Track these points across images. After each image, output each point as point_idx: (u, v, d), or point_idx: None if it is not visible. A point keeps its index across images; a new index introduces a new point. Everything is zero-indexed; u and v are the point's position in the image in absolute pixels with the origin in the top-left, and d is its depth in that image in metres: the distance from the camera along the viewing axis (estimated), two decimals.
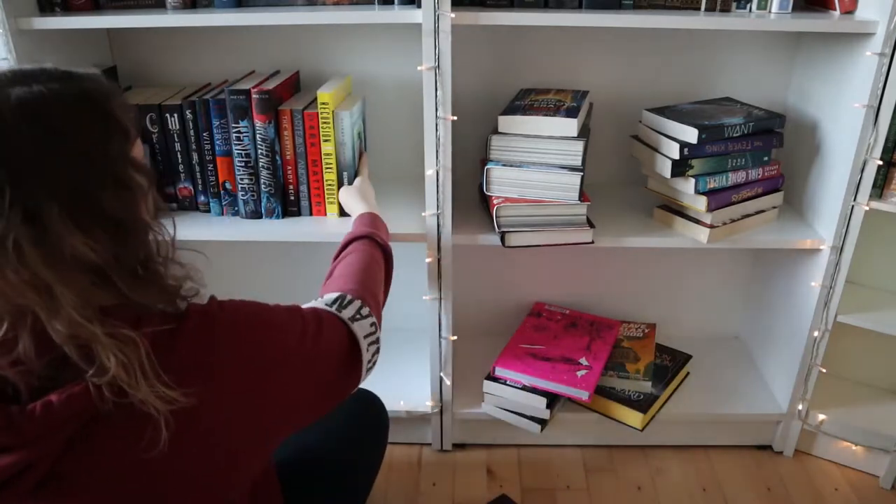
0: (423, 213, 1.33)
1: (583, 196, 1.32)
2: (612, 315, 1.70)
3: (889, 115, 1.23)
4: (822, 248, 1.37)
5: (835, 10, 1.27)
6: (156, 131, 1.34)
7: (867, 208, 1.30)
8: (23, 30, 1.21)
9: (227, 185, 1.37)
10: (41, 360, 0.63)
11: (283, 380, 0.77)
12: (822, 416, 1.52)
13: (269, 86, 1.31)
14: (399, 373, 1.58)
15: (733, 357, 1.72)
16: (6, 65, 1.20)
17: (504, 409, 1.49)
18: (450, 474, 1.52)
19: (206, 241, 1.34)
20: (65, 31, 1.28)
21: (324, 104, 1.29)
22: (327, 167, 1.35)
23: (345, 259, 1.08)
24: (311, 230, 1.37)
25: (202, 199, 1.40)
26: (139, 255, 0.70)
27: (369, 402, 1.23)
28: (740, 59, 1.50)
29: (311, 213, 1.40)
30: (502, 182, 1.34)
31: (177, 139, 1.34)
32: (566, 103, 1.35)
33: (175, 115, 1.32)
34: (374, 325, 0.94)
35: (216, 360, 0.71)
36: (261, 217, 1.39)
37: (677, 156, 1.30)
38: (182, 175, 1.38)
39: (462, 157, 1.46)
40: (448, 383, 1.48)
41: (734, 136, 1.32)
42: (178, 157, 1.36)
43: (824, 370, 1.47)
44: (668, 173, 1.33)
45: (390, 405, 1.25)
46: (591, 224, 1.35)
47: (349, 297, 0.94)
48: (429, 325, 1.43)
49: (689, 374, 1.63)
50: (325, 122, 1.31)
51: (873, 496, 1.47)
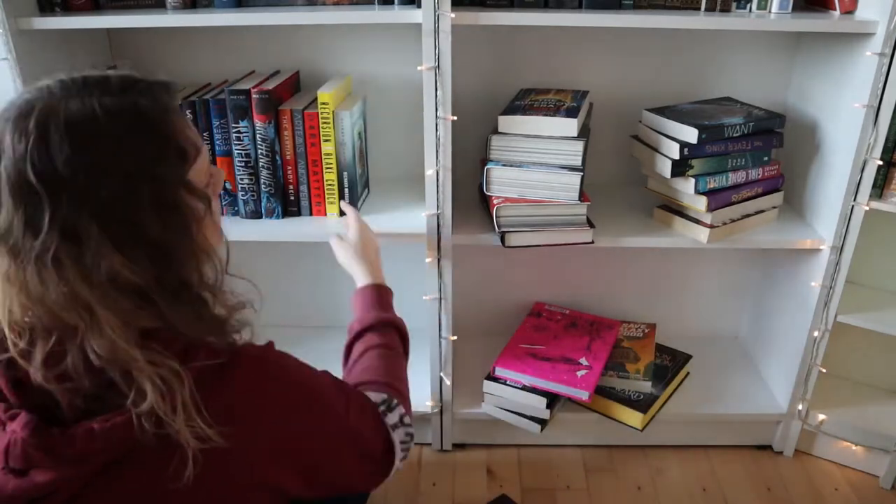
0: (423, 213, 1.33)
1: (583, 196, 1.32)
2: (612, 315, 1.70)
3: (889, 115, 1.23)
4: (822, 248, 1.37)
5: (835, 10, 1.27)
6: None
7: (867, 208, 1.30)
8: (23, 30, 1.21)
9: (227, 185, 1.37)
10: (89, 378, 0.63)
11: (316, 452, 0.77)
12: (822, 416, 1.52)
13: (269, 86, 1.31)
14: None
15: (733, 357, 1.72)
16: (6, 64, 1.20)
17: (504, 409, 1.49)
18: (450, 474, 1.52)
19: None
20: (65, 31, 1.28)
21: (324, 104, 1.29)
22: (327, 167, 1.35)
23: (371, 353, 1.01)
24: (311, 230, 1.37)
25: None
26: (184, 279, 0.68)
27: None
28: (740, 59, 1.50)
29: (311, 213, 1.40)
30: (502, 182, 1.34)
31: None
32: (566, 103, 1.35)
33: None
34: (410, 435, 0.91)
35: (259, 410, 0.71)
36: (261, 217, 1.39)
37: (677, 156, 1.30)
38: None
39: (462, 157, 1.46)
40: (448, 383, 1.48)
41: (734, 136, 1.32)
42: None
43: (824, 370, 1.47)
44: (668, 173, 1.33)
45: None
46: (591, 224, 1.35)
47: (395, 402, 0.90)
48: (429, 325, 1.43)
49: (689, 374, 1.63)
50: (325, 122, 1.31)
51: (873, 496, 1.47)
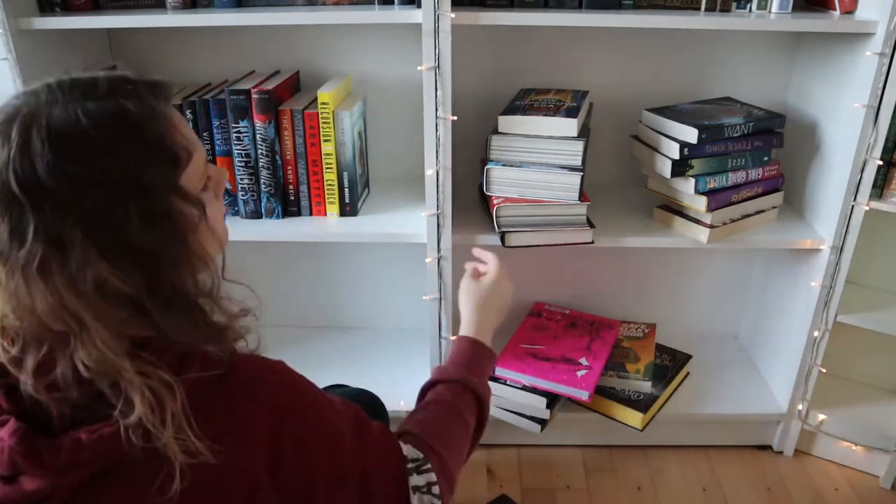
0: (423, 213, 1.33)
1: (583, 196, 1.32)
2: (612, 315, 1.69)
3: (889, 115, 1.23)
4: (822, 248, 1.37)
5: (835, 10, 1.27)
6: None
7: (867, 208, 1.30)
8: (23, 30, 1.21)
9: (227, 185, 1.37)
10: (78, 388, 0.61)
11: (312, 481, 0.72)
12: (822, 416, 1.52)
13: (269, 86, 1.31)
14: (399, 373, 1.58)
15: (733, 357, 1.72)
16: (6, 64, 1.20)
17: (504, 409, 1.49)
18: None
19: None
20: (65, 31, 1.28)
21: (324, 104, 1.29)
22: (327, 167, 1.35)
23: (434, 407, 0.92)
24: (311, 230, 1.37)
25: None
26: (178, 287, 0.65)
27: (369, 401, 1.22)
28: (740, 59, 1.50)
29: (311, 213, 1.40)
30: (502, 182, 1.34)
31: None
32: (566, 103, 1.35)
33: None
34: None
35: (252, 428, 0.67)
36: (261, 217, 1.39)
37: (677, 156, 1.30)
38: None
39: (462, 157, 1.46)
40: None
41: (734, 136, 1.32)
42: None
43: (824, 370, 1.47)
44: (668, 173, 1.33)
45: (390, 405, 1.25)
46: (591, 224, 1.35)
47: (428, 466, 0.82)
48: (429, 325, 1.43)
49: (689, 374, 1.63)
50: (325, 122, 1.31)
51: (873, 496, 1.47)
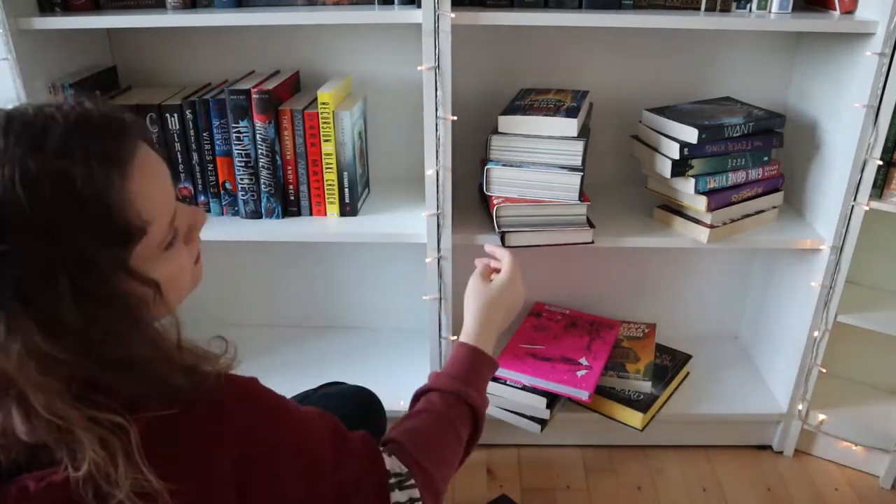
0: (423, 213, 1.33)
1: (583, 196, 1.32)
2: (612, 315, 1.69)
3: (889, 115, 1.23)
4: (822, 248, 1.37)
5: (835, 10, 1.27)
6: (155, 131, 1.33)
7: (867, 208, 1.30)
8: (23, 30, 1.21)
9: (227, 185, 1.37)
10: (24, 438, 0.56)
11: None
12: (822, 416, 1.52)
13: (269, 86, 1.31)
14: (399, 373, 1.58)
15: (733, 357, 1.72)
16: (6, 64, 1.20)
17: (504, 409, 1.49)
18: None
19: (207, 241, 1.34)
20: (65, 31, 1.28)
21: (324, 104, 1.29)
22: (327, 167, 1.35)
23: (425, 416, 0.89)
24: (311, 230, 1.37)
25: (202, 199, 1.40)
26: (125, 358, 0.58)
27: (367, 400, 1.22)
28: (740, 59, 1.50)
29: (311, 213, 1.40)
30: (502, 182, 1.34)
31: (177, 139, 1.35)
32: (566, 103, 1.35)
33: (175, 115, 1.32)
34: None
35: (215, 463, 0.62)
36: (261, 217, 1.39)
37: (677, 156, 1.30)
38: (182, 175, 1.38)
39: (462, 157, 1.46)
40: None
41: (734, 136, 1.32)
42: (178, 157, 1.36)
43: (824, 370, 1.47)
44: (668, 173, 1.33)
45: (389, 405, 1.25)
46: (591, 224, 1.35)
47: (411, 482, 0.79)
48: (429, 325, 1.43)
49: (689, 374, 1.63)
50: (325, 122, 1.31)
51: (873, 496, 1.47)
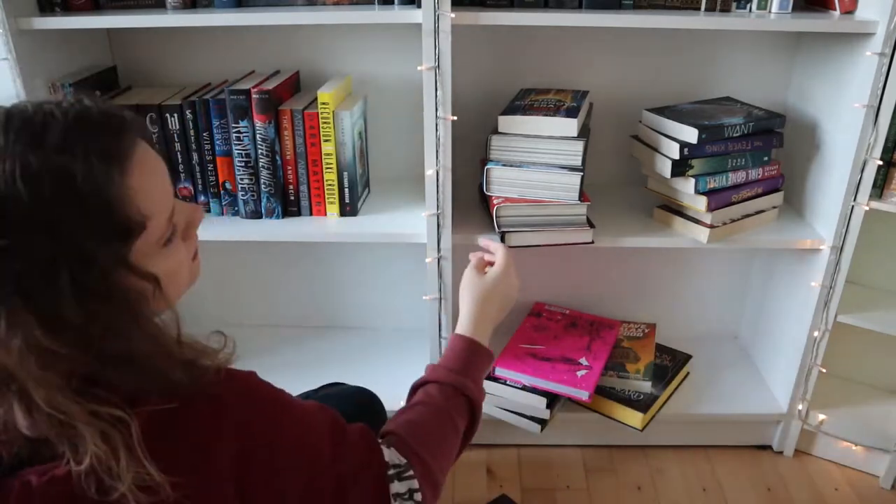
0: (423, 213, 1.33)
1: (583, 196, 1.32)
2: (612, 315, 1.69)
3: (889, 115, 1.23)
4: (822, 248, 1.37)
5: (835, 10, 1.27)
6: (155, 131, 1.34)
7: (867, 208, 1.30)
8: (23, 30, 1.21)
9: (227, 185, 1.37)
10: (25, 433, 0.56)
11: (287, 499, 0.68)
12: (822, 416, 1.52)
13: (269, 86, 1.31)
14: (399, 373, 1.57)
15: (733, 357, 1.72)
16: (6, 64, 1.20)
17: (504, 409, 1.49)
18: (450, 474, 1.50)
19: (206, 241, 1.34)
20: (65, 31, 1.28)
21: (324, 104, 1.29)
22: (327, 167, 1.35)
23: (421, 408, 0.90)
24: (311, 230, 1.37)
25: (202, 199, 1.40)
26: (125, 353, 0.59)
27: (368, 400, 1.22)
28: (740, 59, 1.50)
29: (311, 213, 1.40)
30: (502, 182, 1.34)
31: (177, 139, 1.35)
32: (566, 103, 1.35)
33: (175, 115, 1.32)
34: None
35: (216, 457, 0.62)
36: (261, 217, 1.39)
37: (677, 156, 1.30)
38: (182, 175, 1.38)
39: (462, 157, 1.46)
40: None
41: (734, 136, 1.32)
42: (178, 157, 1.36)
43: (824, 370, 1.47)
44: (668, 173, 1.33)
45: (390, 405, 1.24)
46: (591, 224, 1.35)
47: (410, 473, 0.80)
48: (429, 325, 1.43)
49: (689, 374, 1.63)
50: (325, 122, 1.31)
51: (873, 496, 1.47)
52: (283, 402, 0.72)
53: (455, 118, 1.25)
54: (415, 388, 0.94)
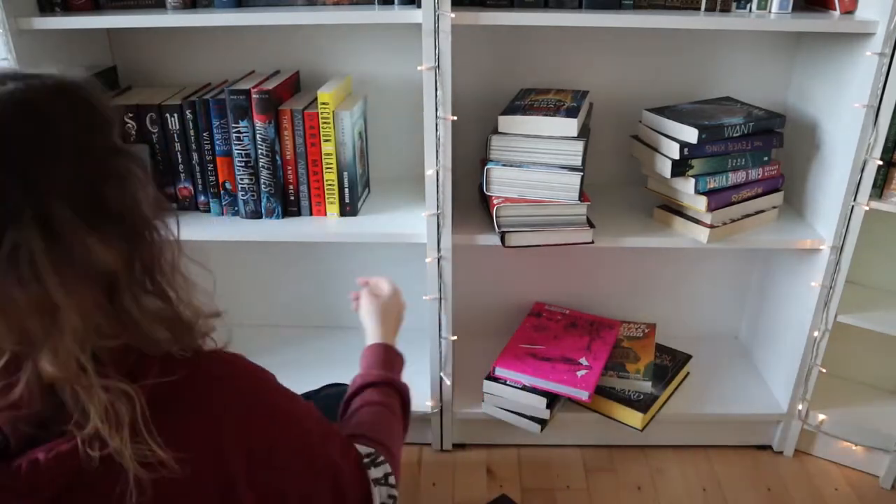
0: (423, 213, 1.33)
1: (583, 196, 1.32)
2: (612, 315, 1.69)
3: (889, 115, 1.23)
4: (822, 248, 1.37)
5: (835, 10, 1.27)
6: (155, 131, 1.34)
7: (867, 208, 1.30)
8: (23, 30, 1.21)
9: (227, 185, 1.37)
10: (39, 402, 0.59)
11: (285, 480, 0.72)
12: (822, 416, 1.52)
13: (269, 86, 1.31)
14: None
15: (733, 357, 1.72)
16: (6, 64, 1.20)
17: (504, 409, 1.49)
18: (450, 474, 1.52)
19: (207, 241, 1.34)
20: (65, 31, 1.28)
21: (324, 104, 1.29)
22: (327, 167, 1.35)
23: (367, 409, 0.97)
24: (311, 230, 1.37)
25: (202, 199, 1.40)
26: (148, 263, 0.65)
27: None
28: (740, 59, 1.50)
29: (311, 213, 1.40)
30: (502, 182, 1.34)
31: (177, 139, 1.35)
32: (566, 103, 1.35)
33: (175, 115, 1.33)
34: (393, 497, 0.88)
35: (219, 433, 0.66)
36: (261, 217, 1.39)
37: (677, 156, 1.30)
38: (182, 175, 1.38)
39: (462, 157, 1.46)
40: (448, 383, 1.48)
41: (734, 136, 1.32)
42: (178, 157, 1.36)
43: (824, 370, 1.47)
44: (668, 173, 1.33)
45: None
46: (591, 224, 1.35)
47: (381, 459, 0.88)
48: (429, 325, 1.43)
49: (689, 374, 1.63)
50: (325, 122, 1.31)
51: (873, 496, 1.47)
52: (274, 381, 0.77)
53: (455, 118, 1.25)
54: (348, 400, 0.99)
